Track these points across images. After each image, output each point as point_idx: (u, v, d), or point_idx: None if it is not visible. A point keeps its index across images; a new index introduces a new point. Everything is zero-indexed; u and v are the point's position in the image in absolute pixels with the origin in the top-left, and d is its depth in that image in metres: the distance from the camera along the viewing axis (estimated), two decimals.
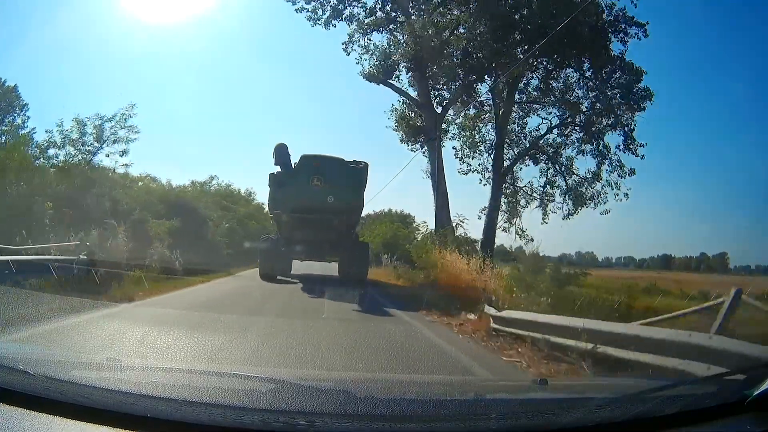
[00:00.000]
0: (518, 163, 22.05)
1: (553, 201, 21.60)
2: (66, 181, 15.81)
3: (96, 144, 19.08)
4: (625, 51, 18.86)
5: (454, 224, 17.19)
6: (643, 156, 19.90)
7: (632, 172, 20.12)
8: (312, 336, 5.93)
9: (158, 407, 1.36)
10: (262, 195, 37.12)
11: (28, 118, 27.80)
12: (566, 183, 21.26)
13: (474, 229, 26.36)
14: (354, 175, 13.97)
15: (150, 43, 42.05)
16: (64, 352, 3.82)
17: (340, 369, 4.30)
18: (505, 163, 21.28)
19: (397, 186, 74.21)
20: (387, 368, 4.49)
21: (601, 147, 20.21)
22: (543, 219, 21.70)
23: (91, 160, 18.93)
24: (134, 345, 4.85)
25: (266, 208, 31.14)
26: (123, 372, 1.80)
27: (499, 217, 21.18)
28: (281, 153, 13.97)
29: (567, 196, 21.04)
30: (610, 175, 20.28)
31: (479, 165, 21.79)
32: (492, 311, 7.37)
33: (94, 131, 18.97)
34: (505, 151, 21.32)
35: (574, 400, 1.97)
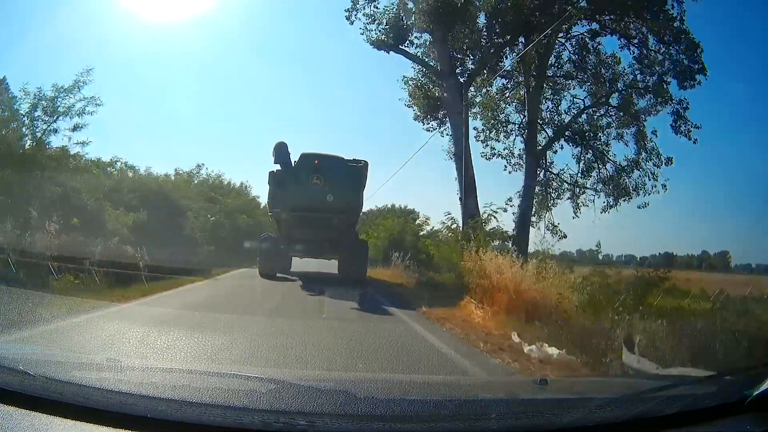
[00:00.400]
0: (550, 148, 19.15)
1: (584, 193, 18.80)
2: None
3: (45, 118, 15.34)
4: (684, 12, 15.70)
5: (485, 215, 14.14)
6: (696, 140, 16.99)
7: (670, 161, 17.62)
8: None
9: (158, 408, 1.36)
10: (258, 189, 35.21)
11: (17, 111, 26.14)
12: (606, 170, 18.46)
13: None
14: (354, 173, 13.96)
15: (150, 43, 41.85)
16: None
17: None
18: (536, 148, 18.28)
19: (395, 184, 74.16)
20: None
21: (643, 130, 17.56)
22: (575, 213, 18.84)
23: (41, 137, 15.50)
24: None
25: (261, 202, 30.28)
26: (123, 372, 1.80)
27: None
28: (281, 151, 13.94)
29: (608, 186, 18.36)
30: (645, 164, 17.83)
31: (504, 149, 19.11)
32: (648, 365, 4.38)
33: (48, 104, 15.27)
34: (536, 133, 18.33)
35: (574, 400, 1.97)
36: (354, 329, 6.60)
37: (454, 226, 15.23)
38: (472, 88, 17.98)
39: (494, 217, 14.02)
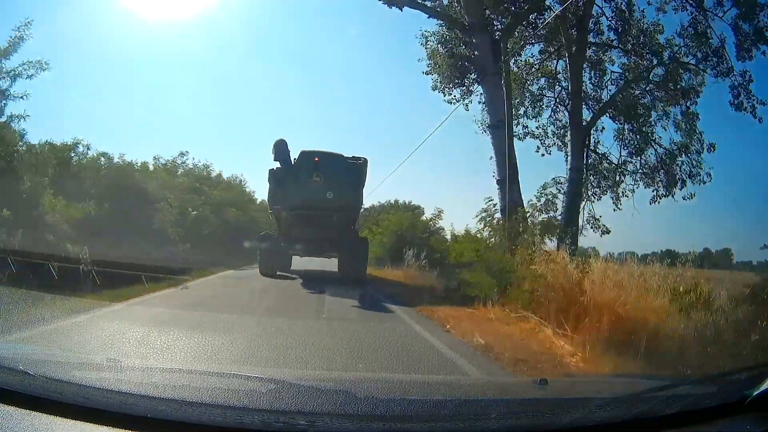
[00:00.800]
0: (595, 125, 16.43)
1: (623, 181, 16.38)
2: None
3: None
4: None
5: (540, 201, 11.53)
6: (761, 119, 14.37)
7: (712, 147, 15.49)
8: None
9: (158, 407, 1.36)
10: (255, 187, 33.15)
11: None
12: (657, 154, 16.07)
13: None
14: (353, 171, 13.94)
15: (150, 43, 41.64)
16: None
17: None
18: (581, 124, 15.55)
19: (395, 181, 73.93)
20: None
21: (690, 110, 15.32)
22: (615, 204, 16.33)
23: None
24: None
25: (258, 198, 29.46)
26: (123, 372, 1.80)
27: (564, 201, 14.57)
28: (281, 149, 13.91)
29: (659, 173, 16.06)
30: (690, 149, 15.68)
31: (537, 127, 16.69)
32: None
33: None
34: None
35: (574, 400, 1.97)
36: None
37: (498, 216, 12.17)
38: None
39: (554, 202, 11.27)
